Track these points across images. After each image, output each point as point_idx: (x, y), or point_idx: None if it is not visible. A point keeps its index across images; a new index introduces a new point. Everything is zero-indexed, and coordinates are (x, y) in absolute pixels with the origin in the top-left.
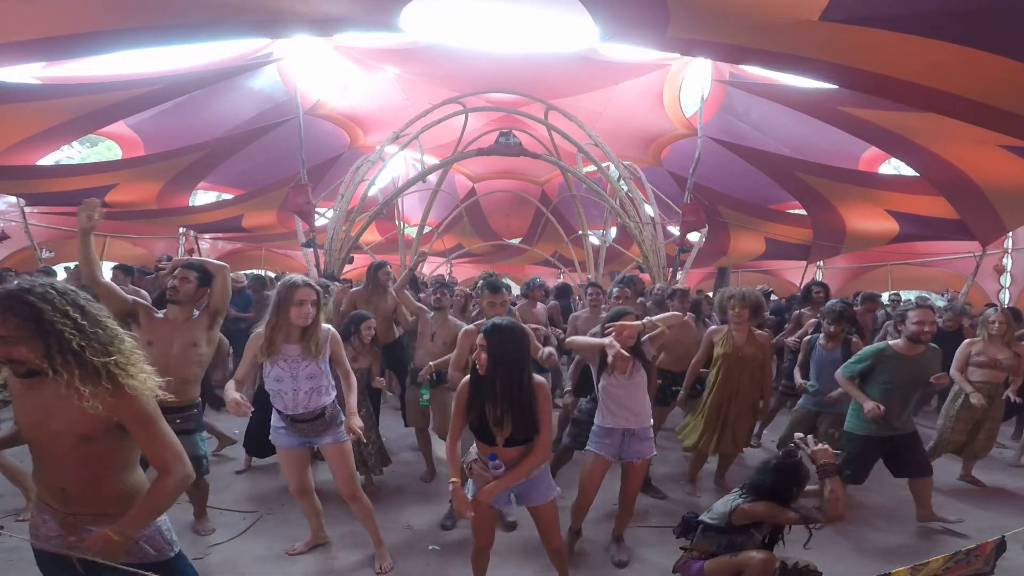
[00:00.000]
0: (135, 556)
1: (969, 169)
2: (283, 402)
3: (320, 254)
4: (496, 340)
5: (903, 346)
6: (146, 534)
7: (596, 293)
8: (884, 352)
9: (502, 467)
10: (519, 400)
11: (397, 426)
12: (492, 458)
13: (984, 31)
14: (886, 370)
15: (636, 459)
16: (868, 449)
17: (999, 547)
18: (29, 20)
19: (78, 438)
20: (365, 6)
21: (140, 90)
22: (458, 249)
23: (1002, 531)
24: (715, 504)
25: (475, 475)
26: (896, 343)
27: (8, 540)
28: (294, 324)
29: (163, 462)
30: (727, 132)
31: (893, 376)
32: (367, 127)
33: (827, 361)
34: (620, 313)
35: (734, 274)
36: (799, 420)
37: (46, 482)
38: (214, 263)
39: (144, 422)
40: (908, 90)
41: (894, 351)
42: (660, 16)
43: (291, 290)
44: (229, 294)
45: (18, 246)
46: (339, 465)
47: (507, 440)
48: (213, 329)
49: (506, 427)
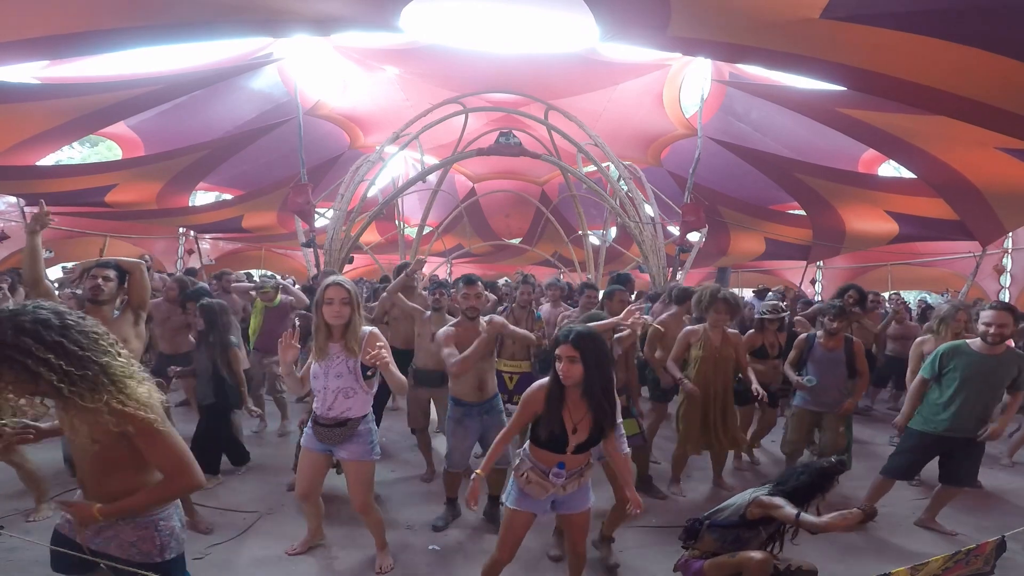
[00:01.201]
0: (127, 553)
1: (967, 171)
2: (318, 400)
3: (320, 254)
4: (590, 348)
5: (980, 345)
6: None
7: (591, 294)
8: (959, 348)
9: (564, 476)
10: (606, 406)
11: (397, 426)
12: (560, 467)
13: (985, 30)
14: (958, 367)
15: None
16: (923, 446)
17: (999, 547)
18: (31, 19)
19: (88, 440)
20: (365, 6)
21: (140, 90)
22: (458, 249)
23: (1002, 531)
24: (732, 498)
25: (532, 484)
26: (974, 341)
27: (8, 540)
28: (330, 323)
29: (167, 471)
30: (727, 132)
31: (962, 374)
32: (367, 127)
33: (827, 360)
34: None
35: (734, 274)
36: (800, 422)
37: (77, 474)
38: (129, 261)
39: (146, 435)
40: (908, 89)
41: (970, 348)
42: (661, 15)
43: (323, 290)
44: (148, 289)
45: (18, 246)
46: (356, 481)
47: (577, 447)
48: (139, 324)
49: (582, 434)
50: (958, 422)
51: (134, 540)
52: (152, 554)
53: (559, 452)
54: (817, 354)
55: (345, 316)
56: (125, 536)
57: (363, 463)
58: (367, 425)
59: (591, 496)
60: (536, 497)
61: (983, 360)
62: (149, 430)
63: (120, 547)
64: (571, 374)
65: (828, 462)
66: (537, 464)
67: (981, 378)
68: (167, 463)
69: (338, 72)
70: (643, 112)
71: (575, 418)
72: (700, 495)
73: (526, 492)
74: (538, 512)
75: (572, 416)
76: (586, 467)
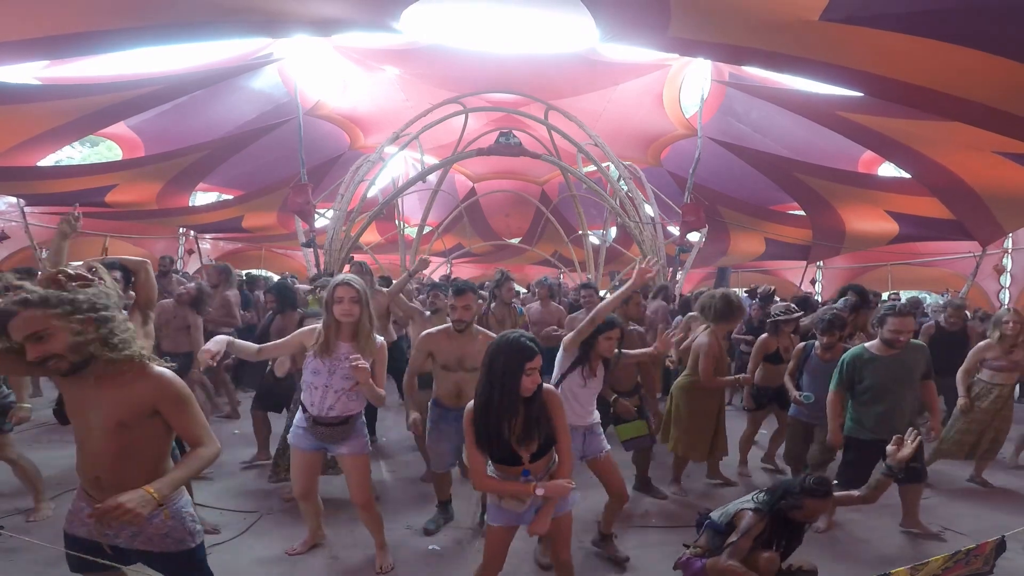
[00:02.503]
0: (159, 546)
1: (965, 174)
2: (311, 398)
3: (320, 254)
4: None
5: (879, 347)
6: (170, 525)
7: (590, 294)
8: (861, 356)
9: (535, 479)
10: (544, 412)
11: (397, 427)
12: (526, 474)
13: (984, 31)
14: (868, 374)
15: (599, 454)
16: (866, 453)
17: (999, 547)
18: (31, 19)
19: (116, 426)
20: (366, 8)
21: (140, 91)
22: (458, 249)
23: (1002, 531)
24: (732, 503)
25: (507, 499)
26: (872, 344)
27: (8, 540)
28: (340, 321)
29: (196, 438)
30: (727, 133)
31: (876, 379)
32: (367, 128)
33: (823, 372)
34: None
35: (734, 274)
36: (795, 433)
37: (85, 471)
38: (133, 260)
39: (178, 403)
40: (908, 91)
41: (871, 353)
42: (661, 16)
43: (332, 289)
44: (155, 288)
45: (18, 246)
46: (355, 476)
47: (533, 455)
48: (147, 324)
49: (531, 443)
50: (887, 424)
51: (166, 531)
52: (187, 540)
53: (516, 465)
54: (813, 364)
55: (355, 314)
56: (154, 530)
57: (362, 456)
58: (362, 419)
59: (573, 497)
60: (515, 510)
61: (890, 361)
62: (182, 399)
63: (149, 541)
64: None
65: (813, 481)
66: (506, 478)
67: (893, 379)
68: (199, 430)
69: (338, 72)
70: (643, 112)
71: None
72: (700, 495)
73: (504, 507)
74: (521, 522)
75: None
76: (553, 466)
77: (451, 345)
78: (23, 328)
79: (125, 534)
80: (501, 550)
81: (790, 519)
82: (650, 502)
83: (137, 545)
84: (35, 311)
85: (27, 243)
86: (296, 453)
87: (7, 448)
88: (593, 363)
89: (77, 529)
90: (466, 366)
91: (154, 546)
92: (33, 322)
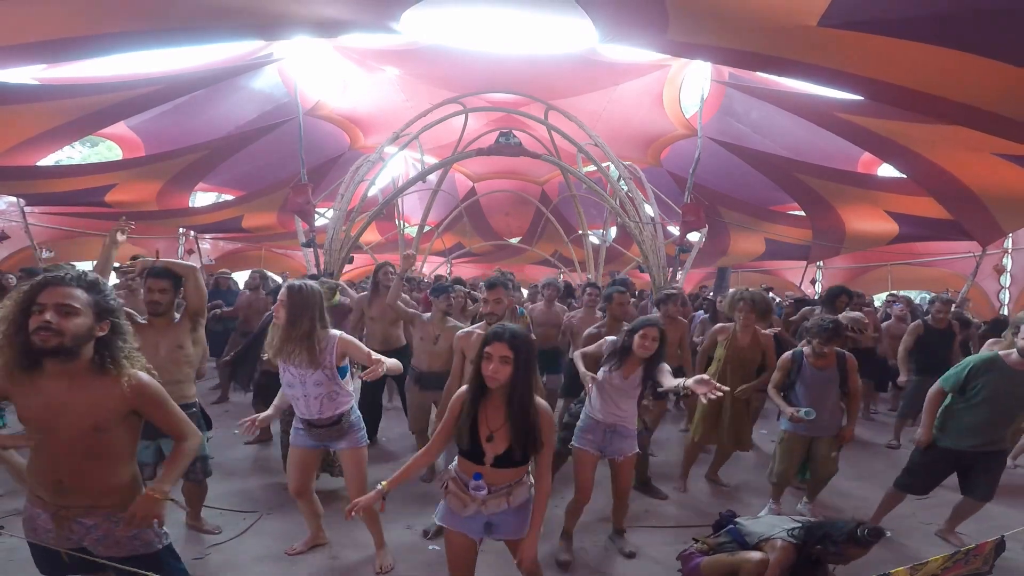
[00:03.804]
0: (127, 549)
1: (964, 176)
2: (296, 407)
3: (320, 254)
4: (524, 351)
5: (1016, 360)
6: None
7: (593, 293)
8: (994, 362)
9: (484, 489)
10: (526, 416)
11: (397, 427)
12: (476, 477)
13: (981, 36)
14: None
15: (619, 456)
16: (939, 460)
17: (998, 547)
18: (29, 23)
19: (90, 429)
20: (366, 10)
21: (140, 91)
22: (458, 249)
23: (1001, 531)
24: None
25: (450, 494)
26: (1007, 355)
27: (8, 540)
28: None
29: (179, 432)
30: (727, 133)
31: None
32: (367, 128)
33: (819, 380)
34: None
35: (734, 274)
36: (792, 449)
37: (42, 475)
38: (182, 264)
39: (159, 403)
40: (906, 95)
41: (1005, 363)
42: (659, 19)
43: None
44: (204, 293)
45: (18, 246)
46: (352, 469)
47: (497, 460)
48: (197, 331)
49: (499, 444)
50: (980, 437)
51: (133, 534)
52: (154, 542)
53: (477, 463)
54: (807, 374)
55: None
56: (121, 532)
57: (359, 449)
58: (356, 413)
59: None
60: (457, 512)
61: (1015, 376)
62: (161, 399)
63: (116, 545)
64: (499, 375)
65: (868, 532)
66: (460, 474)
67: (1010, 394)
68: (181, 425)
69: (338, 73)
70: (643, 112)
71: (492, 425)
72: (701, 494)
73: (449, 505)
74: (470, 534)
75: (488, 423)
76: (516, 485)
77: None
78: (63, 296)
79: (91, 539)
80: (461, 560)
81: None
82: (650, 502)
83: (102, 551)
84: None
85: (27, 243)
86: (294, 451)
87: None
88: (629, 364)
89: (40, 536)
90: None
91: (122, 550)
92: (75, 296)
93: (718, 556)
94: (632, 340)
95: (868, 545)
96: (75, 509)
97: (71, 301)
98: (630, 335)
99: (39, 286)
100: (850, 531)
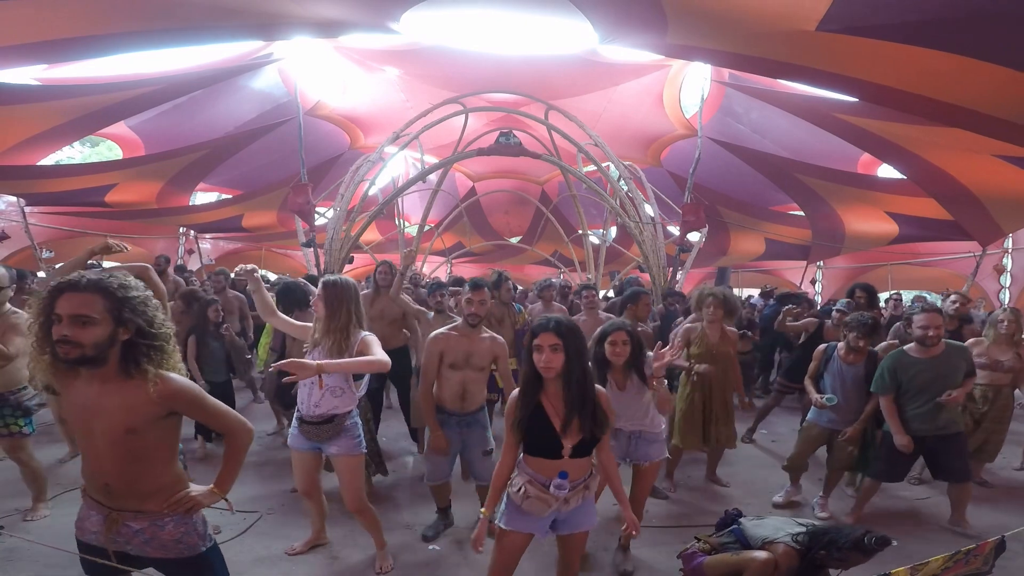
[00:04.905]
0: (172, 552)
1: (963, 177)
2: (301, 394)
3: (320, 254)
4: (572, 338)
5: (917, 349)
6: (182, 531)
7: (591, 295)
8: (901, 359)
9: (567, 488)
10: (590, 399)
11: (397, 427)
12: (563, 476)
13: (979, 40)
14: (908, 375)
15: (644, 461)
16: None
17: (998, 547)
18: (29, 23)
19: (123, 432)
20: (366, 11)
21: (140, 91)
22: (458, 248)
23: (1002, 531)
24: (769, 519)
25: (531, 498)
26: (911, 347)
27: (8, 540)
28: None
29: (225, 427)
30: (726, 133)
31: (914, 380)
32: (367, 128)
33: (849, 375)
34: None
35: (734, 274)
36: (812, 439)
37: (92, 478)
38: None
39: (197, 402)
40: (905, 99)
41: (910, 356)
42: (658, 23)
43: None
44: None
45: (18, 246)
46: (346, 478)
47: (574, 449)
48: None
49: (574, 433)
50: (925, 423)
51: (178, 536)
52: (198, 545)
53: (555, 458)
54: (835, 367)
55: (320, 312)
56: (166, 535)
57: (353, 457)
58: (353, 420)
59: (595, 513)
60: (537, 514)
61: (928, 364)
62: (199, 398)
63: (161, 547)
64: (553, 363)
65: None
66: (535, 476)
67: (935, 380)
68: (228, 419)
69: (338, 73)
70: (643, 112)
71: (560, 415)
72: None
73: (525, 509)
74: (537, 533)
75: (556, 412)
76: (590, 477)
77: (460, 343)
78: (78, 306)
79: (137, 541)
80: (513, 560)
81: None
82: (650, 502)
83: (149, 552)
84: (97, 297)
85: (27, 243)
86: (293, 454)
87: (21, 450)
88: (615, 375)
89: (86, 536)
90: (473, 364)
91: (168, 552)
92: (90, 304)
93: (722, 555)
94: (603, 350)
95: (873, 553)
96: (125, 512)
97: (86, 311)
98: (599, 346)
99: (55, 293)
100: (856, 538)
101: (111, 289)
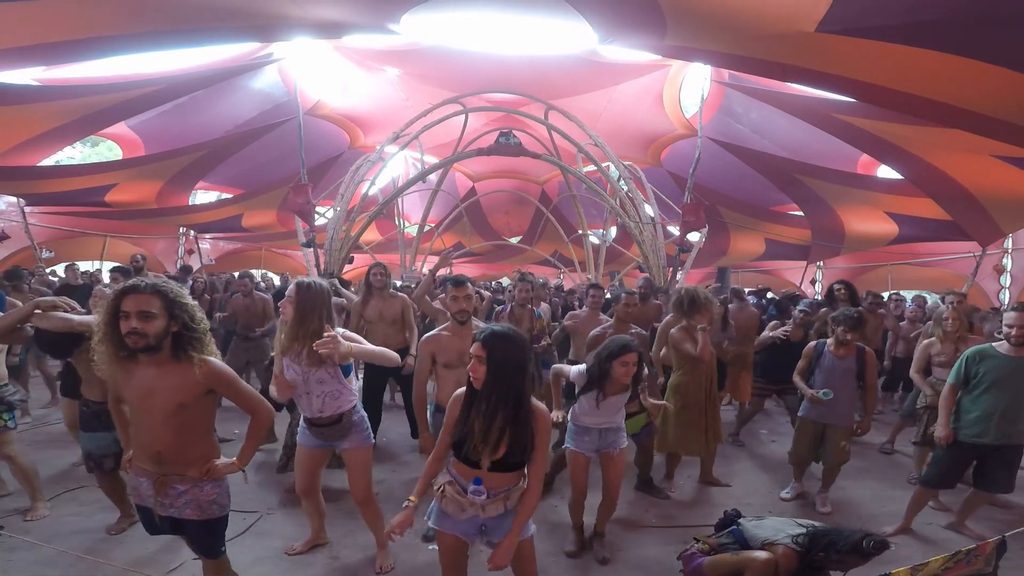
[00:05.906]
0: (206, 513)
1: (962, 177)
2: (300, 404)
3: (320, 254)
4: (495, 349)
5: (1006, 348)
6: (217, 492)
7: (597, 294)
8: (986, 352)
9: (484, 494)
10: (516, 418)
11: (398, 427)
12: (476, 482)
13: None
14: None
15: (613, 449)
16: (957, 453)
17: (999, 547)
18: (29, 25)
19: (176, 407)
20: (366, 13)
21: (140, 91)
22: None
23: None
24: (768, 520)
25: (447, 498)
26: (1000, 344)
27: (8, 540)
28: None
29: (251, 406)
30: (726, 133)
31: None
32: (367, 127)
33: (839, 369)
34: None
35: (734, 274)
36: (805, 434)
37: (145, 448)
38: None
39: (231, 383)
40: (905, 100)
41: (997, 351)
42: (657, 24)
43: None
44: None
45: (18, 246)
46: (355, 469)
47: (494, 464)
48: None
49: (498, 448)
50: (990, 428)
51: (213, 497)
52: (226, 505)
53: (475, 467)
54: (826, 363)
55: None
56: (204, 496)
57: (363, 449)
58: (359, 414)
59: (530, 526)
60: (453, 516)
61: (1010, 362)
62: (232, 379)
63: (199, 508)
64: (477, 375)
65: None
66: (457, 478)
67: (1010, 381)
68: (253, 401)
69: (338, 72)
70: (643, 112)
71: (487, 430)
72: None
73: (444, 510)
74: (465, 537)
75: (484, 427)
76: (514, 489)
77: (452, 342)
78: (142, 304)
79: (179, 503)
80: (454, 560)
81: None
82: (650, 502)
83: (188, 514)
84: (156, 297)
85: (27, 243)
86: (301, 450)
87: (7, 445)
88: (608, 389)
89: (143, 500)
90: (467, 361)
91: (202, 513)
92: (151, 302)
93: (722, 556)
94: (610, 367)
95: (871, 556)
96: (173, 476)
97: (149, 308)
98: (607, 362)
99: (121, 294)
100: (855, 542)
101: (165, 291)
